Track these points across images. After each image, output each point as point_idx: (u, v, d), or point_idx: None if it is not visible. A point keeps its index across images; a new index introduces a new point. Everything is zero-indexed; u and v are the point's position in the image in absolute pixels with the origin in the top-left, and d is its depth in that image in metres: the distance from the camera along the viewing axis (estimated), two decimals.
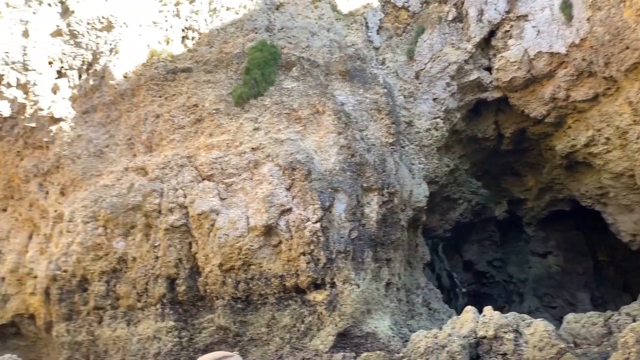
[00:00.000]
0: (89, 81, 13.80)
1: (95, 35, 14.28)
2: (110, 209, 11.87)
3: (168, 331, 11.36)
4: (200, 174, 11.37)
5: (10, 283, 14.41)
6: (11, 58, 14.68)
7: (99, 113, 13.36)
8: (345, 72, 12.81)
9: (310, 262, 10.51)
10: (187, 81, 12.56)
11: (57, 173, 13.61)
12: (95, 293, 12.12)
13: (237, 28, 13.11)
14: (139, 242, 11.70)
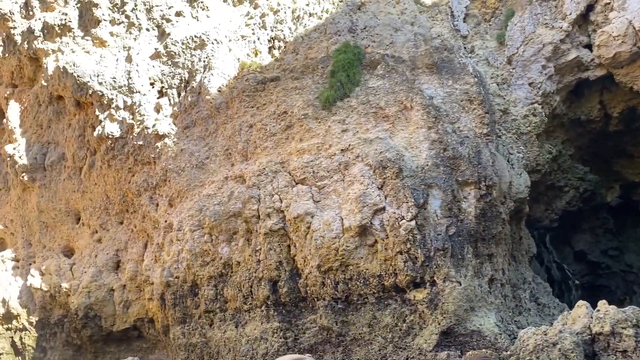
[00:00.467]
0: (188, 98, 14.65)
1: (190, 54, 15.16)
2: (214, 217, 12.50)
3: (274, 332, 11.75)
4: (294, 178, 11.66)
5: (131, 290, 15.66)
6: (118, 82, 16.01)
7: (198, 127, 14.13)
8: (432, 65, 12.53)
9: (408, 260, 10.40)
10: (276, 90, 12.95)
11: (165, 186, 14.59)
12: (205, 297, 12.83)
13: (321, 33, 13.29)
14: (242, 247, 12.22)
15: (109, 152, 15.89)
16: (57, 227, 18.10)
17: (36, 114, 18.21)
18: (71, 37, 17.22)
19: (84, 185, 17.14)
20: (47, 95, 17.83)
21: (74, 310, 16.18)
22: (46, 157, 18.02)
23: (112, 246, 16.48)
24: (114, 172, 16.00)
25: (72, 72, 16.59)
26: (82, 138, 17.06)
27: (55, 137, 18.00)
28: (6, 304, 17.68)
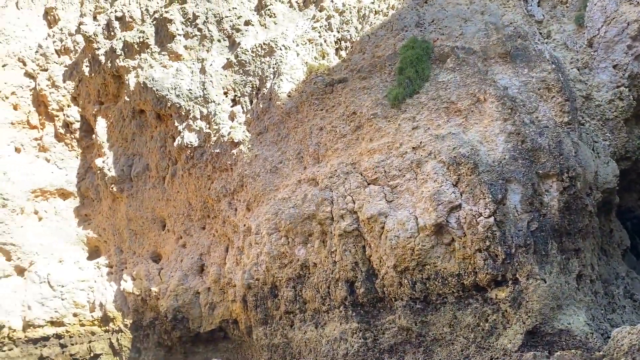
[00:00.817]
0: (259, 105, 15.00)
1: (259, 61, 15.51)
2: (289, 220, 12.72)
3: (353, 332, 11.76)
4: (366, 179, 11.62)
5: (215, 292, 16.26)
6: (194, 94, 16.66)
7: (271, 133, 14.43)
8: (506, 54, 12.04)
9: (488, 258, 10.06)
10: (344, 91, 12.96)
11: (242, 191, 15.03)
12: (285, 298, 13.07)
13: (387, 30, 13.16)
14: (317, 249, 12.34)
15: (189, 161, 16.59)
16: (145, 234, 19.15)
17: (121, 128, 19.35)
18: (149, 53, 18.15)
19: (167, 193, 18.01)
20: (130, 110, 18.89)
21: (164, 313, 17.04)
22: (132, 169, 19.10)
23: (196, 251, 17.19)
24: (195, 180, 16.69)
25: (151, 87, 17.49)
26: (164, 149, 17.93)
27: (139, 149, 19.04)
28: (103, 307, 18.94)
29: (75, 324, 18.97)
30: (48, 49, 21.59)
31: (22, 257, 19.43)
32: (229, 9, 16.76)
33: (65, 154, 21.34)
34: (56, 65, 21.39)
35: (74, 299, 19.06)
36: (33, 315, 18.67)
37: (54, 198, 20.87)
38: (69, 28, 21.51)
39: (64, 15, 22.02)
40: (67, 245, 20.43)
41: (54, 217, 20.70)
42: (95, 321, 19.03)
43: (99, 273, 19.88)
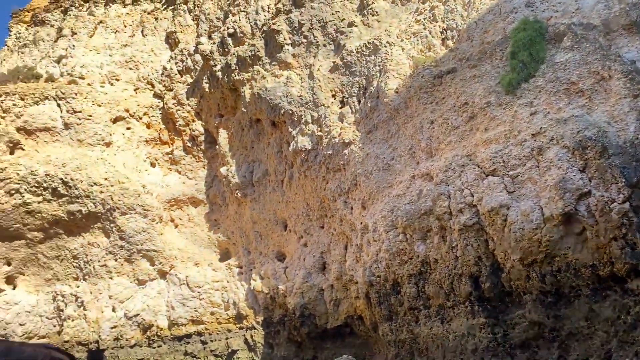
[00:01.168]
0: (367, 104, 15.15)
1: (365, 61, 15.65)
2: (406, 216, 12.72)
3: (481, 328, 11.50)
4: (483, 170, 11.28)
5: (338, 289, 16.73)
6: (304, 99, 17.22)
7: (380, 130, 14.52)
8: (631, 25, 11.02)
9: (625, 247, 9.32)
10: (454, 81, 12.67)
11: (356, 190, 15.29)
12: (408, 295, 13.10)
13: (495, 14, 12.65)
14: (437, 245, 12.22)
15: (304, 163, 17.20)
16: (269, 235, 20.18)
17: (241, 138, 20.54)
18: (261, 65, 19.09)
19: (286, 195, 18.83)
20: (248, 120, 20.00)
21: (292, 310, 17.86)
22: (253, 174, 20.21)
23: (317, 249, 17.79)
24: (310, 182, 17.28)
25: (264, 97, 18.39)
26: (280, 154, 18.76)
27: (258, 155, 20.10)
28: (236, 306, 20.27)
29: (213, 322, 20.51)
30: (172, 70, 23.49)
31: (164, 261, 21.39)
32: (332, 12, 17.10)
33: (193, 165, 23.10)
34: (180, 84, 23.22)
35: (210, 298, 20.62)
36: (176, 314, 20.49)
37: (186, 206, 22.70)
38: (188, 49, 23.24)
39: (183, 37, 23.82)
40: (200, 248, 22.14)
41: (187, 224, 22.53)
42: (230, 319, 20.42)
43: (231, 273, 21.30)
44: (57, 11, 26.55)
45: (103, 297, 20.81)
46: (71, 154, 21.65)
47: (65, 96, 22.23)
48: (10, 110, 21.68)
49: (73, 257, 21.78)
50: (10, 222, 21.42)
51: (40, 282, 22.28)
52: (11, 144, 21.50)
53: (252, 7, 20.55)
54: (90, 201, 21.25)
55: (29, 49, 25.98)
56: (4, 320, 21.21)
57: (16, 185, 21.21)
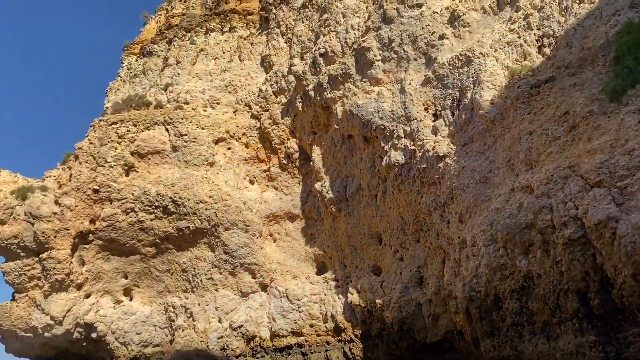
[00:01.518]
0: (461, 116, 15.04)
1: (457, 73, 15.57)
2: (506, 230, 12.45)
3: (591, 346, 10.97)
4: (588, 182, 10.83)
5: (436, 304, 16.59)
6: (396, 114, 17.39)
7: (476, 143, 14.35)
8: None
9: None
10: (552, 90, 12.29)
11: (452, 203, 15.17)
12: (510, 310, 12.77)
13: (595, 18, 12.16)
14: (540, 259, 11.84)
15: (397, 178, 17.33)
16: (364, 249, 20.44)
17: (334, 154, 21.06)
18: (352, 82, 19.53)
19: (380, 210, 19.02)
20: (340, 136, 20.48)
21: (390, 324, 17.93)
22: (347, 189, 20.62)
23: (413, 263, 17.78)
24: (404, 196, 17.35)
25: (356, 113, 18.78)
26: (373, 168, 19.02)
27: (351, 171, 20.49)
28: (335, 318, 20.67)
29: (312, 334, 21.05)
30: (267, 91, 24.61)
31: (264, 274, 22.32)
32: (422, 27, 17.18)
33: (289, 181, 23.96)
34: (275, 105, 24.26)
35: (309, 311, 21.19)
36: (277, 326, 21.26)
37: (284, 221, 23.56)
38: (282, 70, 24.26)
39: (277, 59, 24.91)
40: (298, 262, 22.85)
41: (285, 238, 23.36)
42: (329, 331, 20.85)
43: (328, 287, 21.77)
44: (162, 42, 28.78)
45: (210, 308, 22.06)
46: (179, 174, 23.29)
47: (173, 121, 24.00)
48: (125, 136, 23.78)
49: (182, 271, 23.33)
50: (126, 238, 23.41)
51: (153, 294, 24.06)
52: (126, 167, 23.54)
53: (342, 26, 21.10)
54: (197, 218, 22.70)
55: (139, 79, 28.34)
56: (123, 329, 23.12)
57: (131, 205, 23.16)
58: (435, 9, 17.29)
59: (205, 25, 27.86)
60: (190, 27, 28.10)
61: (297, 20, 24.46)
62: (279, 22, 25.41)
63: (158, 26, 30.23)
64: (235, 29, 27.31)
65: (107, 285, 23.74)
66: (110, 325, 22.99)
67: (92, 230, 23.04)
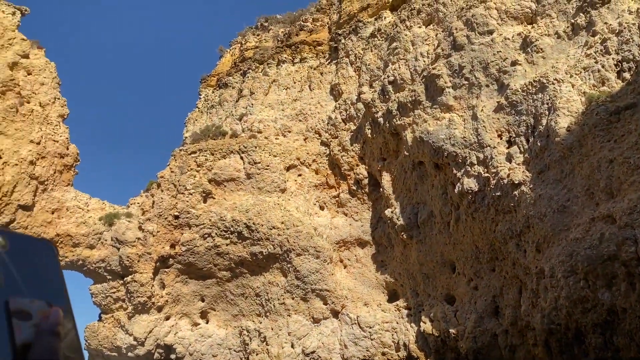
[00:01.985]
0: (537, 143, 14.76)
1: (531, 99, 15.35)
2: (587, 262, 12.03)
3: None
4: None
5: (513, 335, 16.11)
6: (468, 141, 17.29)
7: (552, 170, 14.01)
8: None
9: None
10: (634, 117, 11.88)
11: (529, 232, 14.81)
12: (593, 345, 12.25)
13: None
14: (625, 292, 11.34)
15: (471, 205, 17.13)
16: (437, 277, 20.20)
17: (404, 180, 21.12)
18: (421, 109, 19.62)
19: (453, 237, 18.80)
20: (410, 163, 20.54)
21: (464, 354, 17.55)
22: (418, 216, 20.55)
23: (489, 293, 17.39)
24: (479, 224, 17.10)
25: (427, 140, 18.82)
26: (445, 195, 18.90)
27: (422, 197, 20.44)
28: (407, 347, 20.46)
29: None
30: (336, 119, 25.13)
31: (335, 301, 22.51)
32: (494, 53, 17.10)
33: (358, 207, 24.19)
34: (344, 132, 24.71)
35: (381, 339, 21.11)
36: (349, 353, 21.31)
37: (354, 247, 23.75)
38: (351, 98, 24.74)
39: (346, 88, 25.44)
40: (369, 289, 22.88)
41: (356, 264, 23.50)
42: None
43: (399, 315, 21.62)
44: (237, 74, 30.14)
45: (283, 333, 22.47)
46: (253, 200, 24.12)
47: (247, 149, 24.98)
48: (203, 165, 24.97)
49: (256, 295, 23.96)
50: (203, 262, 24.40)
51: (228, 317, 24.82)
52: (204, 194, 24.67)
53: (411, 54, 21.33)
54: (270, 243, 23.34)
55: (216, 109, 29.76)
56: (200, 352, 23.96)
57: (208, 230, 24.18)
58: (506, 35, 17.17)
59: (277, 57, 28.94)
60: (263, 59, 29.28)
61: (365, 49, 24.95)
62: (348, 52, 26.00)
63: (233, 59, 31.71)
64: (305, 60, 28.18)
65: (185, 308, 24.77)
66: (188, 347, 23.90)
67: (172, 254, 24.21)
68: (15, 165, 21.78)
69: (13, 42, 23.66)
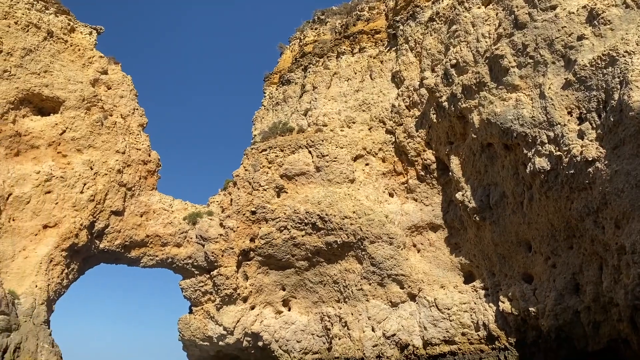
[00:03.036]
0: (610, 118, 14.57)
1: (601, 73, 15.13)
2: None
3: None
4: None
5: (596, 311, 16.08)
6: (537, 120, 17.25)
7: (628, 145, 13.82)
8: None
9: None
10: None
11: (606, 209, 14.70)
12: None
13: None
14: None
15: (544, 184, 17.09)
16: (512, 257, 20.27)
17: (473, 163, 21.21)
18: (487, 91, 19.62)
19: (527, 217, 18.80)
20: (479, 145, 20.60)
21: (546, 332, 17.66)
22: (489, 198, 20.63)
23: (567, 270, 17.36)
24: (553, 202, 17.06)
25: (494, 121, 18.85)
26: (517, 176, 18.89)
27: (493, 179, 20.49)
28: (487, 327, 20.73)
29: (464, 343, 21.30)
30: (400, 106, 25.43)
31: (412, 284, 23.04)
32: (558, 29, 16.87)
33: (428, 192, 24.47)
34: (408, 119, 24.98)
35: (459, 320, 21.48)
36: (429, 334, 21.84)
37: (426, 232, 24.12)
38: (413, 85, 24.93)
39: (407, 74, 25.63)
40: (444, 271, 23.23)
41: (429, 248, 23.88)
42: (482, 340, 20.95)
43: (477, 295, 21.87)
44: (298, 70, 30.95)
45: (362, 318, 23.29)
46: (324, 192, 24.96)
47: (314, 143, 25.80)
48: (274, 161, 26.05)
49: (333, 282, 24.89)
50: (282, 253, 25.58)
51: (308, 304, 25.93)
52: (277, 189, 25.76)
53: (472, 35, 21.25)
54: (343, 232, 24.13)
55: (281, 106, 30.76)
56: (285, 338, 25.24)
57: (284, 223, 25.29)
58: (570, 9, 16.86)
59: (336, 49, 29.47)
60: (322, 52, 29.90)
61: (425, 34, 25.01)
62: (407, 38, 26.12)
63: (293, 55, 32.54)
64: (364, 49, 28.54)
65: (268, 297, 26.10)
66: (274, 334, 25.23)
67: (252, 248, 25.54)
68: (105, 175, 23.69)
69: (92, 60, 25.55)
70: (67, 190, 22.50)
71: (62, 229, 21.81)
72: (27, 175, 22.09)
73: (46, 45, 23.92)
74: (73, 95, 23.79)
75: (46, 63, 23.58)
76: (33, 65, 23.13)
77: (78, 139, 23.50)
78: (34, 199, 21.85)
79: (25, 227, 21.48)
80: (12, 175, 21.83)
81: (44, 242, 21.48)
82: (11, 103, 22.26)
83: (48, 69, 23.58)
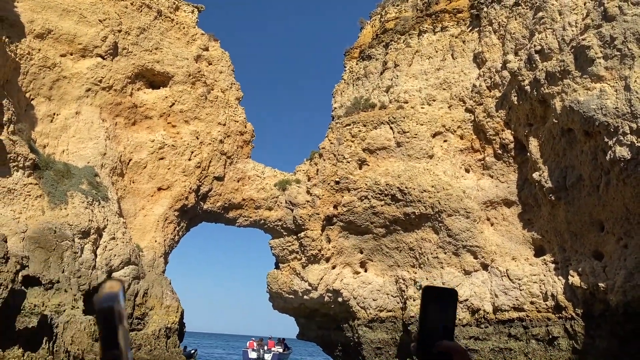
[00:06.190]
0: None
1: None
2: None
3: None
4: None
5: None
6: (621, 111, 18.43)
7: None
8: None
9: None
10: None
11: None
12: None
13: None
14: None
15: (623, 172, 18.37)
16: (584, 235, 21.72)
17: (552, 145, 22.50)
18: (570, 79, 20.74)
19: (603, 199, 20.14)
20: (559, 130, 21.84)
21: (614, 307, 19.28)
22: (566, 179, 21.98)
23: (638, 251, 18.77)
24: (630, 189, 18.35)
25: (577, 109, 20.06)
26: (595, 161, 20.15)
27: (570, 162, 21.78)
28: (555, 298, 22.47)
29: (532, 310, 23.16)
30: (480, 86, 26.68)
31: (485, 255, 24.92)
32: None
33: (504, 170, 25.93)
34: (488, 99, 26.26)
35: (529, 290, 23.30)
36: (499, 302, 23.81)
37: (500, 207, 25.73)
38: (495, 66, 26.07)
39: (489, 56, 26.74)
40: (516, 245, 24.93)
41: (502, 223, 25.55)
42: (549, 309, 22.74)
43: (546, 268, 23.54)
44: (379, 46, 32.41)
45: (437, 283, 25.46)
46: (403, 167, 26.88)
47: (395, 120, 27.58)
48: (357, 135, 28.07)
49: (409, 249, 27.09)
50: (361, 220, 27.90)
51: (384, 267, 28.32)
52: (359, 162, 27.88)
53: (559, 23, 22.15)
54: (421, 205, 26.11)
55: (362, 81, 32.48)
56: (362, 296, 27.85)
57: (365, 193, 27.49)
58: None
59: (418, 27, 30.67)
60: (404, 29, 31.17)
61: (509, 17, 25.91)
62: (491, 20, 27.07)
63: (374, 30, 33.93)
64: (446, 28, 29.63)
65: (348, 259, 28.66)
66: (352, 292, 27.88)
67: (335, 214, 27.98)
68: (209, 144, 26.47)
69: (195, 38, 28.03)
70: (178, 157, 25.44)
71: (174, 192, 24.87)
72: (143, 143, 25.12)
73: (156, 24, 26.52)
74: (180, 71, 26.43)
75: (157, 41, 26.22)
76: (146, 43, 25.81)
77: (185, 111, 26.27)
78: (149, 164, 24.92)
79: (143, 189, 24.66)
80: (131, 143, 24.91)
81: (159, 203, 24.63)
82: (129, 78, 25.13)
83: (158, 46, 26.23)
